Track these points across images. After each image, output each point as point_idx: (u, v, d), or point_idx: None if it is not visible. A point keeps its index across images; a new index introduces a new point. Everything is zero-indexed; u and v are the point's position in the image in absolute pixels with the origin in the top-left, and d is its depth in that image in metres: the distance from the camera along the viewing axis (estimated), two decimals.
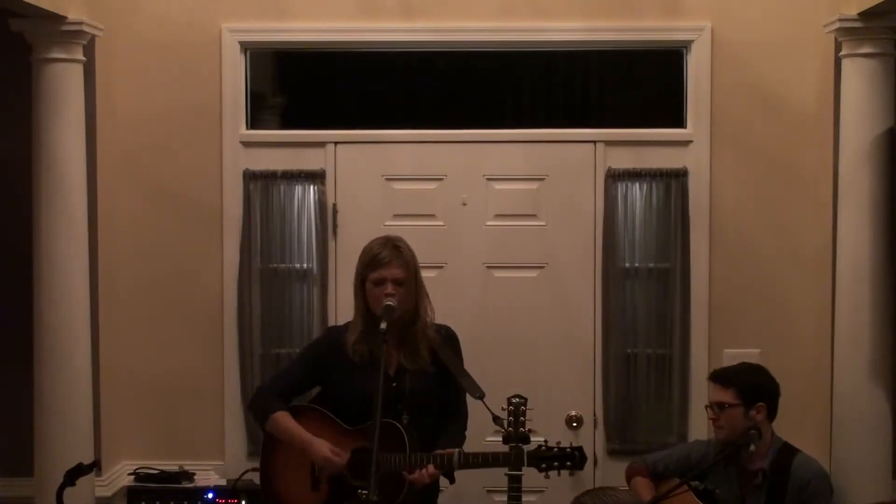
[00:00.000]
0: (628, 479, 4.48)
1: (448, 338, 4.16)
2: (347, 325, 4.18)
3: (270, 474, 4.15)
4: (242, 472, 4.49)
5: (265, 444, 4.19)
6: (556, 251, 5.16)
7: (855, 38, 4.60)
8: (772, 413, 4.31)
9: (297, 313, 5.15)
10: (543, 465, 3.77)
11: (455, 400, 4.10)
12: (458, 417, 4.13)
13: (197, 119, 5.16)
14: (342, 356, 4.09)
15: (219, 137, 5.16)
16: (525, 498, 3.83)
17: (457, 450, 3.89)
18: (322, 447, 4.00)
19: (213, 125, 5.16)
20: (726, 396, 4.26)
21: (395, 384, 4.03)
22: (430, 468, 3.87)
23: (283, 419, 4.09)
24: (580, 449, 3.82)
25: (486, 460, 3.86)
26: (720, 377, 4.34)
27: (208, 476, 5.07)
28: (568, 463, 3.78)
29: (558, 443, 3.84)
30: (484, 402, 3.85)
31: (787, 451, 4.30)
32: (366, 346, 4.05)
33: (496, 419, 3.77)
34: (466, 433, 4.14)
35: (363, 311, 4.08)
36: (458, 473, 4.02)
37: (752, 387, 4.27)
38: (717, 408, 4.29)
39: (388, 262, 4.00)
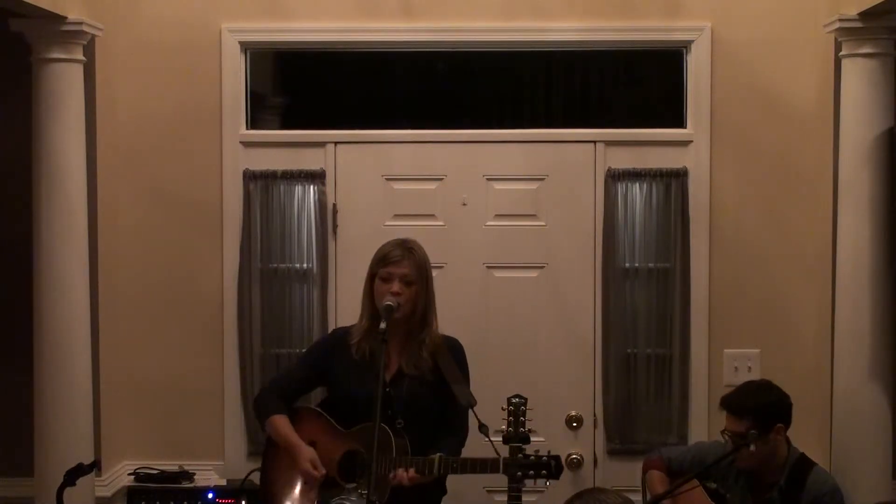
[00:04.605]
0: (644, 471, 4.44)
1: (453, 348, 4.14)
2: (353, 326, 4.20)
3: (269, 473, 4.18)
4: (248, 473, 4.45)
5: (267, 443, 4.22)
6: (556, 251, 5.16)
7: (855, 38, 4.59)
8: (788, 427, 4.22)
9: (297, 313, 5.15)
10: (519, 473, 3.70)
11: (453, 412, 4.05)
12: (457, 432, 4.07)
13: (197, 119, 5.16)
14: (344, 356, 4.11)
15: (219, 137, 5.16)
16: (525, 498, 3.82)
17: (438, 454, 3.86)
18: (304, 457, 4.02)
19: (213, 125, 5.16)
20: (743, 427, 4.12)
21: (388, 389, 4.01)
22: (411, 471, 3.85)
23: (279, 423, 4.12)
24: (557, 458, 3.72)
25: (464, 466, 3.83)
26: (734, 408, 4.18)
27: (208, 476, 5.08)
28: (543, 472, 3.69)
29: (536, 451, 3.77)
30: (473, 411, 3.87)
31: (803, 465, 4.23)
32: (367, 345, 4.07)
33: (482, 427, 3.77)
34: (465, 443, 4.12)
35: (370, 311, 4.11)
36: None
37: (766, 412, 4.14)
38: (737, 438, 4.13)
39: (398, 259, 4.04)
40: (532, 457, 3.71)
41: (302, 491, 4.05)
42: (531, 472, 3.70)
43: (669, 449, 4.53)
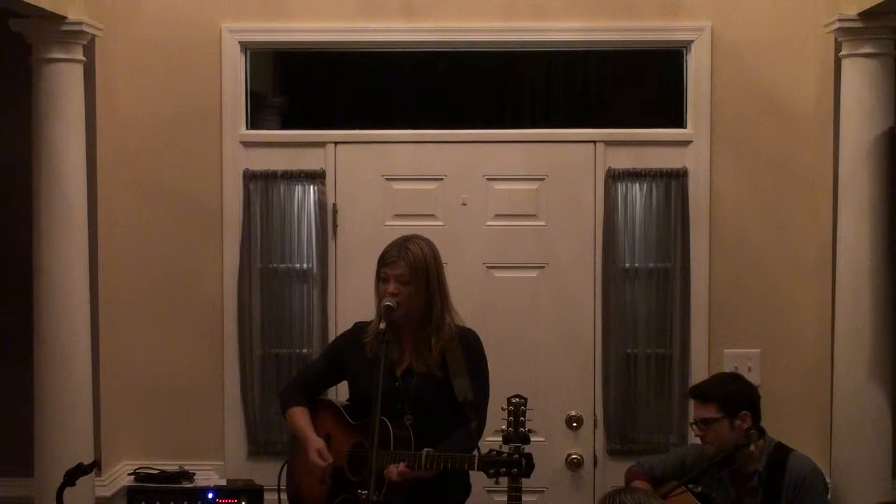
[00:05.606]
0: (627, 483, 4.48)
1: (467, 341, 4.15)
2: (371, 322, 4.22)
3: (292, 465, 4.26)
4: (281, 466, 4.39)
5: (293, 436, 4.29)
6: (556, 251, 5.16)
7: (855, 38, 4.60)
8: (756, 418, 4.30)
9: (297, 313, 5.15)
10: (491, 471, 3.73)
11: (460, 407, 4.02)
12: (463, 427, 4.03)
13: (197, 119, 5.16)
14: (359, 353, 4.15)
15: (219, 137, 5.16)
16: (525, 498, 3.83)
17: (425, 450, 3.87)
18: (311, 447, 4.07)
19: (212, 125, 5.16)
20: (708, 412, 4.27)
21: (398, 384, 4.06)
22: (401, 466, 3.88)
23: (296, 415, 4.20)
24: (528, 456, 3.73)
25: (446, 462, 3.85)
26: (699, 393, 4.36)
27: (208, 476, 5.08)
28: (514, 470, 3.70)
29: (509, 448, 3.76)
30: (465, 404, 3.90)
31: (781, 451, 4.30)
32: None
33: (472, 423, 3.85)
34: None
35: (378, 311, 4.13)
36: None
37: (731, 397, 4.27)
38: (702, 424, 4.29)
39: (393, 260, 4.06)
40: (504, 454, 3.73)
41: (317, 480, 4.09)
42: (503, 469, 3.72)
43: (648, 458, 4.59)
